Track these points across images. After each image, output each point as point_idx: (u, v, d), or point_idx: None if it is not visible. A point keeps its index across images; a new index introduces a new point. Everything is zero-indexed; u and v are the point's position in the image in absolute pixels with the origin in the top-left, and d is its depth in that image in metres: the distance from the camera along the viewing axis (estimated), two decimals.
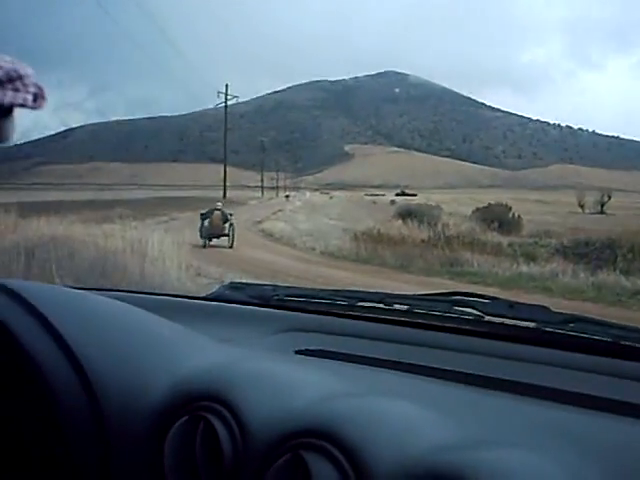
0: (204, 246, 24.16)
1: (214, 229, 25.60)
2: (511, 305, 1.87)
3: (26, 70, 0.97)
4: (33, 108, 0.98)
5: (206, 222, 25.64)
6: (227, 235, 25.43)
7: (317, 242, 25.67)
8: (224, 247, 24.32)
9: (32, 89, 0.98)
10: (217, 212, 26.28)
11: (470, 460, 0.96)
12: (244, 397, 1.19)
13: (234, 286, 2.53)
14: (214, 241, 25.09)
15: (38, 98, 0.99)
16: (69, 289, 1.73)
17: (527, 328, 1.78)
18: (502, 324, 1.82)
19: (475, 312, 1.85)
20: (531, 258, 19.41)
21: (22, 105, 0.96)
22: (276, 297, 2.31)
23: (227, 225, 25.87)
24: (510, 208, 34.18)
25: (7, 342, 1.33)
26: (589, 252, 19.98)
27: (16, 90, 0.95)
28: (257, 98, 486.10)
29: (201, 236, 24.83)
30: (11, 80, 0.94)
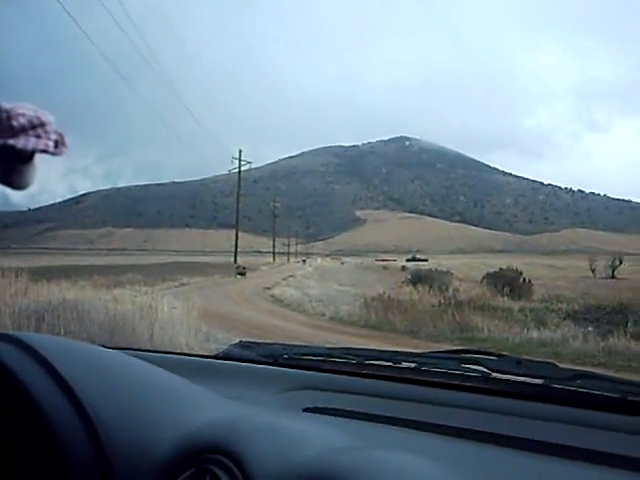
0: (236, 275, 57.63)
1: (240, 270, 61.57)
2: (518, 362, 1.87)
3: (47, 117, 0.99)
4: (54, 154, 1.00)
5: (239, 271, 61.37)
6: (244, 275, 59.60)
7: (327, 308, 25.61)
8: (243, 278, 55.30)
9: (53, 136, 1.00)
10: (242, 268, 64.58)
11: None
12: (250, 450, 1.18)
13: (244, 345, 2.54)
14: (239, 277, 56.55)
15: (59, 144, 1.01)
16: (79, 342, 1.72)
17: (534, 385, 1.76)
18: (509, 381, 1.80)
19: (482, 369, 1.84)
20: (542, 323, 19.26)
21: (44, 151, 0.98)
22: (285, 356, 2.32)
23: (245, 271, 62.57)
24: (521, 273, 34.09)
25: (16, 392, 1.34)
26: (600, 317, 19.82)
27: (38, 137, 0.97)
28: (271, 163, 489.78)
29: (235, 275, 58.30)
30: (33, 127, 0.97)
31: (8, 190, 1.02)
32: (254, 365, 2.28)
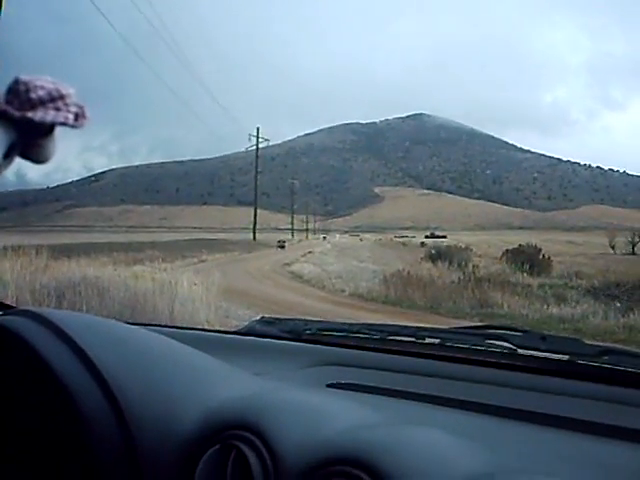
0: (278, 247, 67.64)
1: (280, 244, 71.91)
2: (543, 337, 1.86)
3: (67, 90, 0.98)
4: (74, 127, 0.98)
5: (279, 244, 71.89)
6: (284, 247, 68.77)
7: (346, 284, 25.54)
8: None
9: (73, 108, 0.98)
10: (282, 242, 74.99)
11: None
12: (275, 426, 1.18)
13: (266, 321, 2.55)
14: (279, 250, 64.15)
15: (79, 117, 0.99)
16: (100, 318, 1.72)
17: (559, 361, 1.75)
18: (534, 357, 1.79)
19: (507, 345, 1.84)
20: (562, 299, 19.20)
21: (63, 124, 0.96)
22: (308, 331, 2.32)
23: (285, 244, 73.64)
24: (540, 249, 33.87)
25: (39, 369, 1.34)
26: (620, 293, 19.72)
27: (57, 109, 0.96)
28: (288, 141, 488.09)
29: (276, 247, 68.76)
30: (52, 100, 0.95)
31: (25, 168, 0.99)
32: (276, 341, 2.29)
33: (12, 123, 0.93)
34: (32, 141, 0.98)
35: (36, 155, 1.00)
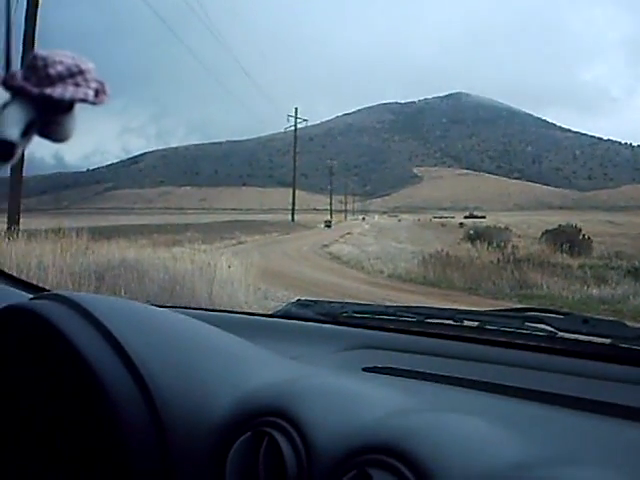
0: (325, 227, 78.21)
1: (327, 224, 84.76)
2: (585, 320, 1.81)
3: (87, 65, 0.95)
4: (94, 103, 0.94)
5: (326, 224, 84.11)
6: (330, 227, 79.09)
7: (385, 265, 25.50)
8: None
9: (93, 84, 0.94)
10: (328, 222, 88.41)
11: (545, 478, 0.92)
12: (309, 413, 1.16)
13: (302, 303, 2.52)
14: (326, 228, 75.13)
15: (99, 93, 0.95)
16: (132, 302, 1.72)
17: (602, 345, 1.72)
18: (576, 340, 1.76)
19: (548, 328, 1.81)
20: (602, 280, 19.00)
21: (83, 100, 0.92)
22: (344, 314, 2.30)
23: (331, 223, 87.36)
24: (580, 230, 33.61)
25: (68, 354, 1.34)
26: None
27: (77, 85, 0.92)
28: (327, 121, 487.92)
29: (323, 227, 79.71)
30: (72, 75, 0.93)
31: (64, 151, 0.96)
32: (312, 324, 2.27)
33: (30, 100, 0.90)
34: (51, 119, 0.94)
35: (55, 134, 0.96)
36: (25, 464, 1.52)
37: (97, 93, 0.95)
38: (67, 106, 0.94)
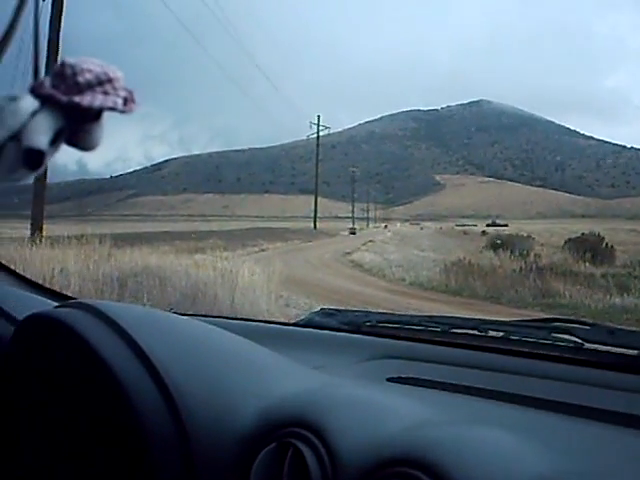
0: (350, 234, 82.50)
1: (351, 231, 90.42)
2: (612, 331, 1.80)
3: (116, 73, 0.95)
4: (122, 112, 0.95)
5: (351, 231, 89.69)
6: (355, 234, 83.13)
7: (407, 273, 25.41)
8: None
9: (122, 93, 0.95)
10: (353, 228, 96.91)
11: None
12: (334, 424, 1.15)
13: (325, 312, 2.50)
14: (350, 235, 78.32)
15: (128, 102, 0.95)
16: (155, 310, 1.73)
17: (628, 356, 1.70)
18: (603, 352, 1.75)
19: (574, 339, 1.79)
20: (625, 289, 18.84)
21: (112, 109, 0.93)
22: (368, 323, 2.29)
23: (355, 230, 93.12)
24: (603, 238, 33.40)
25: (92, 362, 1.35)
26: None
27: (105, 94, 0.93)
28: (349, 129, 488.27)
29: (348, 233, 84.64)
30: (101, 83, 0.93)
31: (87, 158, 0.95)
32: (336, 333, 2.26)
33: (59, 108, 0.90)
34: (79, 127, 0.95)
35: (83, 142, 0.97)
36: (51, 474, 1.53)
37: (126, 101, 0.95)
38: (95, 114, 0.94)
